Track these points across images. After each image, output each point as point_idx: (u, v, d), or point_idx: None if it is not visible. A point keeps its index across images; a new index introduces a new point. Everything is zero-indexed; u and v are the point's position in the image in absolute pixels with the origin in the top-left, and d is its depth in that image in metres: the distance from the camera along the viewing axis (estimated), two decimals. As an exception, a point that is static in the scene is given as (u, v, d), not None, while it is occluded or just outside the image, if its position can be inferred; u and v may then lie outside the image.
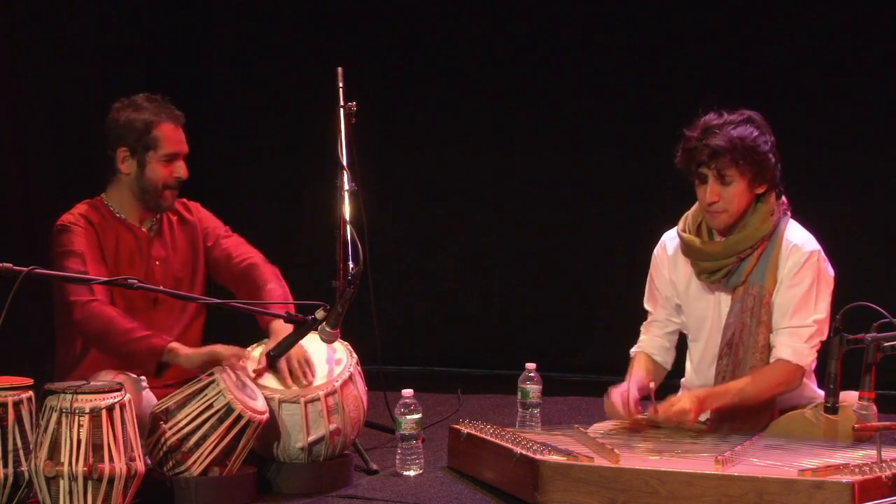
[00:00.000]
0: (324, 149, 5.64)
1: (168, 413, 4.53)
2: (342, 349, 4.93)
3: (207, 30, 7.45)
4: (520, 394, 5.37)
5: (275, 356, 4.78)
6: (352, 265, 5.24)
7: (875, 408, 4.27)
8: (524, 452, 4.46)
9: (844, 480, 4.04)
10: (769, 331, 4.76)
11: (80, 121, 6.79)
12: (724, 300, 4.83)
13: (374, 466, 5.04)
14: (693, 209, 4.89)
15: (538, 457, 4.39)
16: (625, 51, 7.04)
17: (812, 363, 4.75)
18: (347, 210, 5.34)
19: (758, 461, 4.33)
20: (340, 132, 5.43)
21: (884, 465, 4.16)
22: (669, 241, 4.95)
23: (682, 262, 4.89)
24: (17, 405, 4.31)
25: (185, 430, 4.50)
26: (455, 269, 7.41)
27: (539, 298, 7.29)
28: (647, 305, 5.03)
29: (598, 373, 6.28)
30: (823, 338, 4.67)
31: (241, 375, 4.65)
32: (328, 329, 4.64)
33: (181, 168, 4.92)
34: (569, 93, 7.14)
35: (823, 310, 4.72)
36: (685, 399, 4.64)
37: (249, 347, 4.91)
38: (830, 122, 6.65)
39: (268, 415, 4.62)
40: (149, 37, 7.17)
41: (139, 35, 7.13)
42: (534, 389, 5.36)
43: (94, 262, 4.78)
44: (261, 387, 4.72)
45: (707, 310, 4.87)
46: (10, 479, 4.28)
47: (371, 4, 7.38)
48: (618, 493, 4.26)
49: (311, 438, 4.72)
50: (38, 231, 6.39)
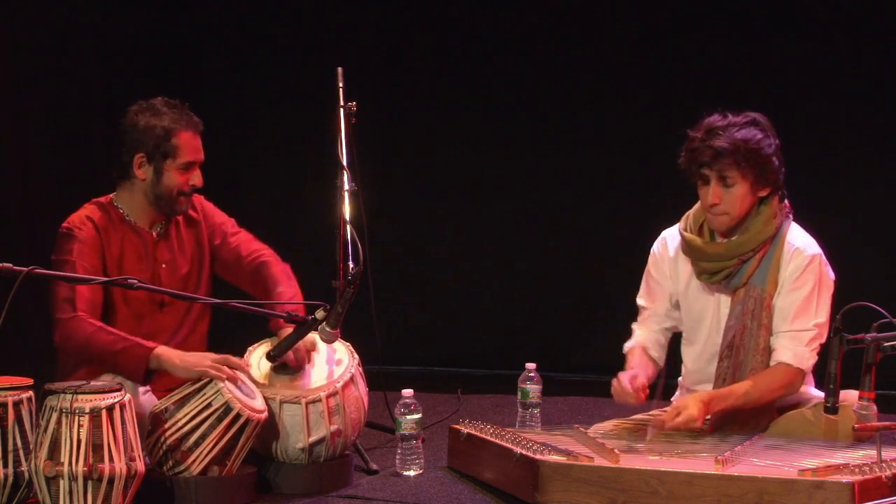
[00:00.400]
0: (324, 149, 5.64)
1: (167, 412, 4.53)
2: (343, 350, 4.92)
3: (207, 30, 7.45)
4: (520, 394, 5.37)
5: (275, 356, 4.78)
6: (352, 265, 5.24)
7: (875, 408, 4.27)
8: (524, 452, 4.46)
9: (844, 480, 4.05)
10: (769, 333, 4.75)
11: (81, 121, 6.80)
12: (724, 301, 4.83)
13: (374, 466, 5.03)
14: (695, 209, 4.88)
15: (538, 457, 4.39)
16: (624, 50, 7.04)
17: (812, 366, 4.76)
18: (347, 210, 5.34)
19: (758, 461, 4.33)
20: (340, 132, 5.43)
21: (884, 465, 4.17)
22: (670, 239, 4.94)
23: (683, 261, 4.89)
24: (17, 405, 4.32)
25: (185, 430, 4.50)
26: (455, 269, 7.41)
27: (539, 298, 7.29)
28: (643, 301, 5.00)
29: (598, 373, 6.25)
30: (823, 341, 4.67)
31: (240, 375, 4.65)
32: (328, 329, 4.64)
33: (197, 176, 4.87)
34: (568, 93, 7.13)
35: (824, 314, 4.72)
36: (691, 405, 4.62)
37: (250, 348, 4.91)
38: (830, 122, 6.65)
39: (266, 413, 4.62)
40: (149, 37, 7.18)
41: (139, 35, 7.14)
42: (534, 389, 5.36)
43: (90, 274, 4.72)
44: (261, 387, 4.72)
45: (705, 310, 4.87)
46: (10, 479, 4.28)
47: (371, 4, 7.38)
48: (618, 493, 4.26)
49: (312, 439, 4.72)
50: (38, 231, 6.39)
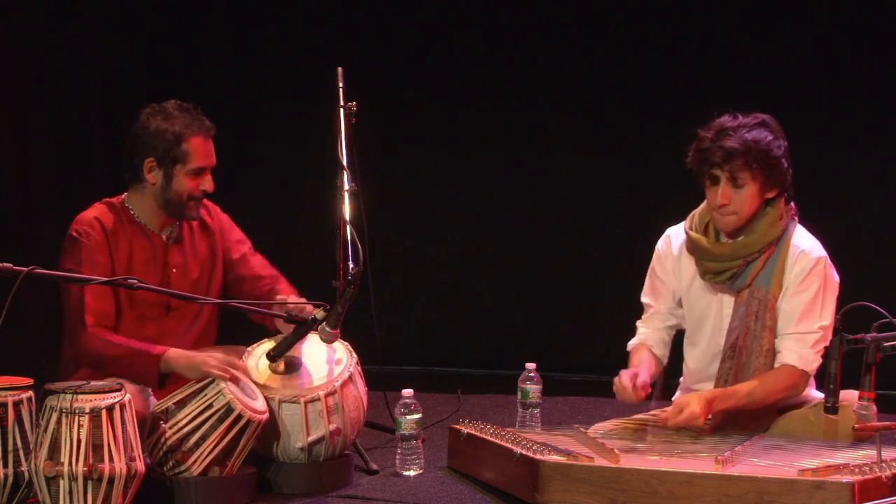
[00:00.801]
0: (324, 149, 5.64)
1: (168, 413, 4.53)
2: (342, 349, 4.92)
3: (207, 30, 7.45)
4: (520, 394, 5.37)
5: (274, 356, 4.78)
6: (352, 265, 5.24)
7: (875, 408, 4.27)
8: (524, 452, 4.46)
9: (844, 480, 4.05)
10: (773, 335, 4.74)
11: (81, 122, 6.81)
12: (727, 302, 4.82)
13: (374, 466, 5.04)
14: (700, 209, 4.87)
15: (538, 457, 4.39)
16: (624, 50, 7.04)
17: (817, 369, 4.75)
18: (347, 210, 5.34)
19: (758, 461, 4.33)
20: (340, 132, 5.43)
21: (884, 465, 4.17)
22: (675, 237, 4.93)
23: (687, 260, 4.88)
24: (17, 405, 4.31)
25: (185, 430, 4.50)
26: (455, 269, 7.41)
27: (539, 298, 7.29)
28: (647, 299, 5.00)
29: (598, 373, 6.27)
30: (827, 344, 4.65)
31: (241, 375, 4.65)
32: (328, 329, 4.65)
33: (208, 181, 4.85)
34: (568, 92, 7.14)
35: (828, 316, 4.71)
36: (693, 402, 4.61)
37: (249, 348, 4.91)
38: (830, 122, 6.65)
39: (267, 414, 4.62)
40: (149, 36, 7.18)
41: (139, 35, 7.14)
42: (534, 389, 5.36)
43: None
44: (261, 387, 4.73)
45: (708, 309, 4.86)
46: (10, 479, 4.28)
47: (371, 4, 7.38)
48: (618, 493, 4.26)
49: (311, 438, 4.72)
50: (38, 231, 6.40)
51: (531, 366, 5.37)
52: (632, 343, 5.00)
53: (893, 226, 6.69)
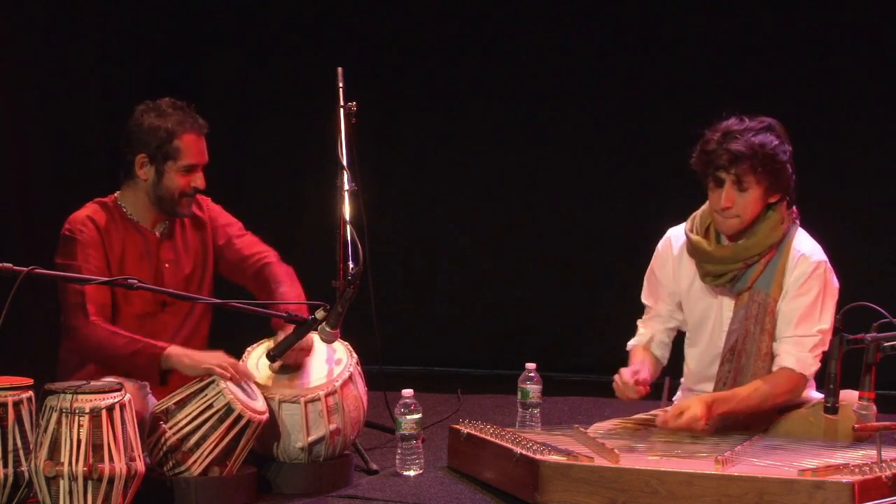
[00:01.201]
0: (324, 149, 5.64)
1: (168, 413, 4.53)
2: (342, 349, 4.92)
3: (207, 30, 7.44)
4: (520, 394, 5.37)
5: (275, 356, 4.77)
6: (352, 265, 5.24)
7: (875, 408, 4.27)
8: (524, 452, 4.46)
9: (844, 480, 4.05)
10: (772, 339, 4.74)
11: (80, 121, 6.80)
12: (727, 304, 4.82)
13: (374, 466, 5.04)
14: (701, 210, 4.86)
15: (538, 457, 4.39)
16: (624, 50, 7.04)
17: (815, 373, 4.75)
18: (347, 210, 5.34)
19: (758, 461, 4.33)
20: (340, 132, 5.43)
21: (884, 465, 4.16)
22: (675, 239, 4.92)
23: (687, 261, 4.87)
24: (17, 405, 4.31)
25: (186, 430, 4.50)
26: (455, 269, 7.41)
27: (539, 298, 7.29)
28: (647, 300, 5.00)
29: (598, 373, 6.25)
30: (826, 348, 4.64)
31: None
32: (328, 329, 4.64)
33: (199, 178, 4.87)
34: (568, 92, 7.13)
35: (828, 320, 4.70)
36: (694, 406, 4.61)
37: (249, 348, 4.91)
38: (830, 123, 6.65)
39: (268, 415, 4.62)
40: (149, 37, 7.18)
41: (139, 35, 7.14)
42: (534, 389, 5.35)
43: (99, 276, 4.72)
44: (261, 387, 4.73)
45: (708, 312, 4.86)
46: (10, 479, 4.28)
47: (371, 4, 7.38)
48: (618, 493, 4.25)
49: (311, 438, 4.72)
50: (38, 231, 6.40)
51: (531, 366, 5.37)
52: (631, 343, 4.99)
53: (893, 226, 6.69)
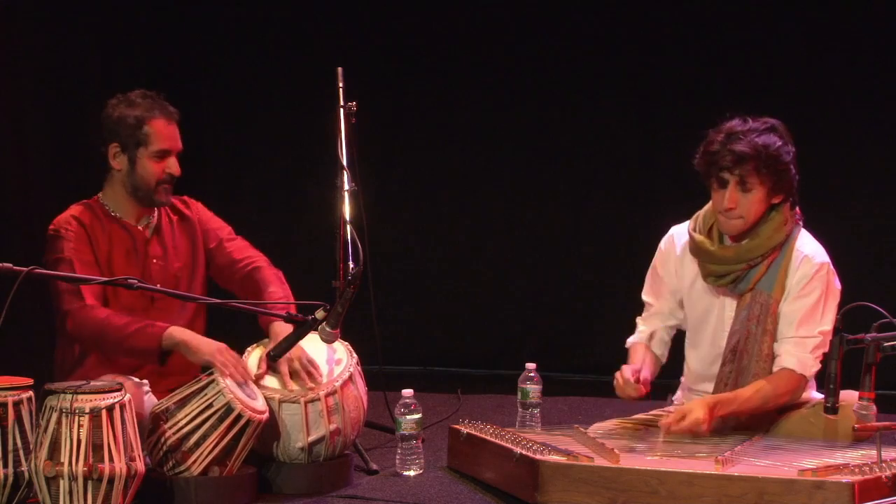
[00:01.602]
0: (324, 149, 5.64)
1: (168, 413, 4.53)
2: (342, 349, 4.93)
3: (208, 30, 7.45)
4: (520, 394, 5.37)
5: (275, 356, 4.77)
6: (352, 265, 5.24)
7: (875, 408, 4.27)
8: (524, 452, 4.46)
9: (844, 480, 4.05)
10: (773, 340, 4.74)
11: (81, 121, 6.79)
12: (729, 305, 4.82)
13: (374, 466, 5.03)
14: (705, 210, 4.85)
15: (538, 457, 4.39)
16: (624, 50, 7.04)
17: (815, 374, 4.75)
18: (347, 210, 5.35)
19: (758, 461, 4.33)
20: (340, 132, 5.44)
21: (884, 465, 4.17)
22: (678, 237, 4.92)
23: (690, 260, 4.87)
24: (17, 405, 4.31)
25: (185, 430, 4.50)
26: (455, 269, 7.41)
27: (539, 298, 7.29)
28: (648, 297, 4.99)
29: (598, 373, 6.28)
30: (827, 350, 4.64)
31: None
32: (328, 329, 4.64)
33: (173, 164, 4.89)
34: (569, 93, 7.14)
35: (829, 322, 4.70)
36: (696, 408, 4.61)
37: (249, 348, 4.91)
38: (831, 123, 6.65)
39: (267, 414, 4.62)
40: (149, 37, 7.18)
41: (139, 35, 7.14)
42: (534, 389, 5.35)
43: (85, 267, 4.74)
44: (261, 387, 4.73)
45: (709, 311, 4.86)
46: (10, 479, 4.28)
47: (371, 4, 7.38)
48: (618, 493, 4.26)
49: (312, 438, 4.72)
50: (38, 231, 6.38)
51: (531, 366, 5.37)
52: (631, 340, 4.99)
53: (893, 226, 6.69)
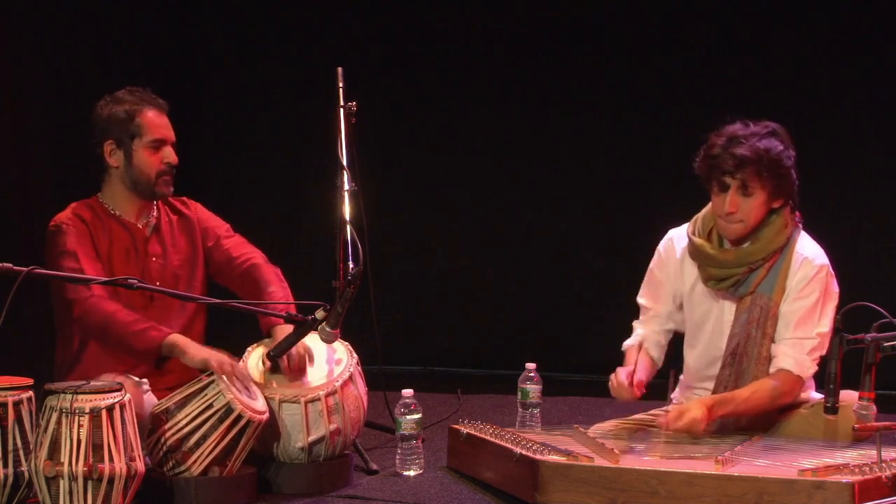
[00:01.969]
0: (324, 149, 5.64)
1: (168, 413, 4.53)
2: (342, 349, 4.93)
3: (208, 30, 7.45)
4: (520, 394, 5.37)
5: (275, 356, 4.78)
6: (352, 265, 5.24)
7: (875, 408, 4.28)
8: (524, 452, 4.46)
9: (844, 480, 4.05)
10: (773, 342, 4.75)
11: (81, 121, 6.79)
12: (728, 308, 4.81)
13: (374, 466, 5.04)
14: (703, 214, 4.85)
15: (538, 457, 4.39)
16: (624, 52, 7.04)
17: (812, 375, 4.75)
18: (347, 210, 5.35)
19: (758, 461, 4.33)
20: (340, 132, 5.44)
21: (884, 465, 4.17)
22: (677, 240, 4.91)
23: (689, 263, 4.86)
24: (17, 405, 4.31)
25: (185, 430, 4.50)
26: (455, 270, 7.41)
27: (539, 298, 7.29)
28: (645, 300, 4.98)
29: (598, 373, 6.25)
30: (824, 352, 4.64)
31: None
32: (328, 329, 4.64)
33: (170, 154, 4.90)
34: (569, 94, 7.14)
35: (827, 324, 4.70)
36: (694, 408, 4.61)
37: (249, 348, 4.91)
38: (830, 123, 6.65)
39: (268, 415, 4.62)
40: (149, 37, 7.18)
41: (140, 35, 7.13)
42: (534, 389, 5.36)
43: (89, 260, 4.77)
44: (261, 387, 4.73)
45: (708, 314, 4.85)
46: (10, 479, 4.28)
47: (371, 4, 7.38)
48: (618, 493, 4.26)
49: (312, 438, 4.72)
50: (38, 231, 6.38)
51: (531, 366, 5.37)
52: (627, 343, 4.98)
53: (893, 226, 6.69)
